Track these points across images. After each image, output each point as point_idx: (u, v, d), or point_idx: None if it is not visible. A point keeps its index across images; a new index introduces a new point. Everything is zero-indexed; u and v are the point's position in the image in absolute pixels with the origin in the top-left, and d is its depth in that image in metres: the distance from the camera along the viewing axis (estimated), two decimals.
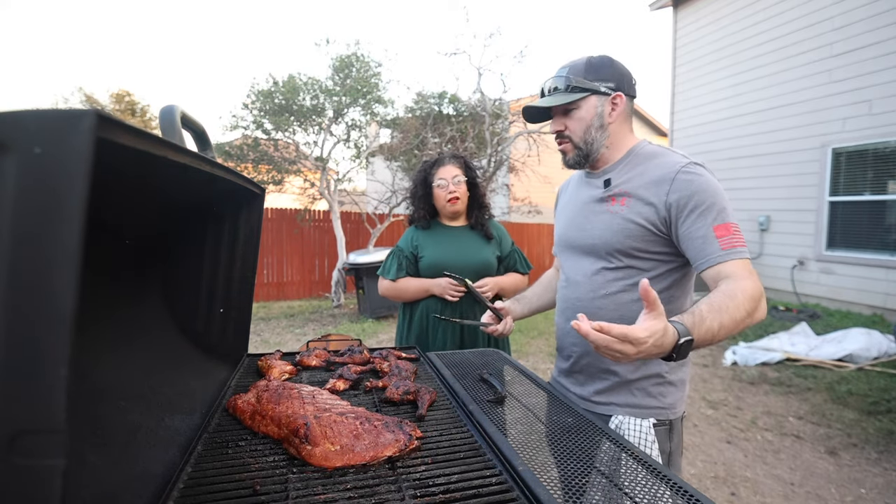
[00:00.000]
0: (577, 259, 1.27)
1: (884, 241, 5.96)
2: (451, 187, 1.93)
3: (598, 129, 1.19)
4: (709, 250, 1.05)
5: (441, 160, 2.00)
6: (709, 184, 1.08)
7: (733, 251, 1.03)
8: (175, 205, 0.96)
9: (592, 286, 1.22)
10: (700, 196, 1.06)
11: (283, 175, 7.51)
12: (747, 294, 0.97)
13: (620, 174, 1.20)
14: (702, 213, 1.06)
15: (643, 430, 1.14)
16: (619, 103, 1.18)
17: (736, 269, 1.02)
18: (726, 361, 4.55)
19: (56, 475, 0.37)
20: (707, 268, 1.05)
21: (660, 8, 8.87)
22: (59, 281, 0.36)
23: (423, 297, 1.93)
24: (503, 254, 2.02)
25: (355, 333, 5.67)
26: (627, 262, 1.16)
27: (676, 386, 1.19)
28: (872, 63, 5.89)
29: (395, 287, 1.96)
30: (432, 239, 1.98)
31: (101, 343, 0.78)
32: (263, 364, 1.25)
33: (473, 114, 8.00)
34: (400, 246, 2.02)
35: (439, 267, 1.91)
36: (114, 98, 14.32)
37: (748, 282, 0.99)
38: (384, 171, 8.90)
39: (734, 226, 1.06)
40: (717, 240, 1.04)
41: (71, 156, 0.37)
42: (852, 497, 2.43)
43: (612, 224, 1.17)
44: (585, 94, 1.17)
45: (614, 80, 1.17)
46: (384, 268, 1.99)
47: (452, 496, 0.70)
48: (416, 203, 2.04)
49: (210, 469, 0.76)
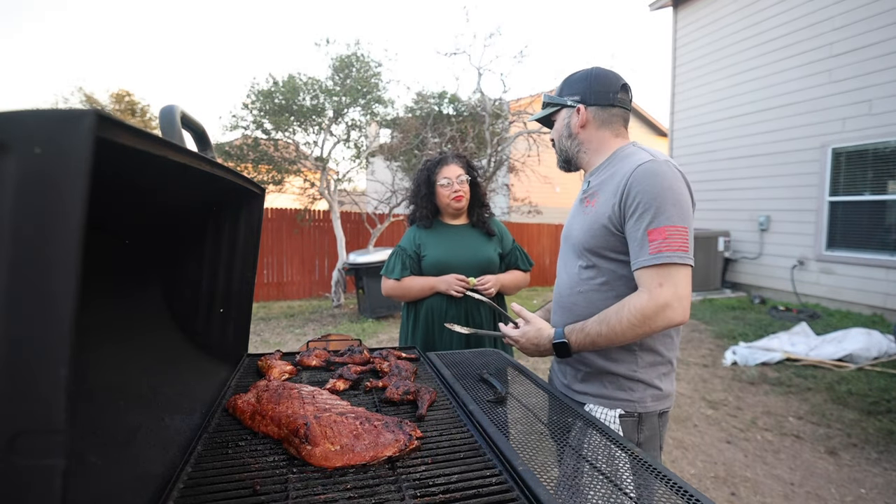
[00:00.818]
0: (564, 256, 1.37)
1: (884, 241, 5.96)
2: (456, 186, 1.94)
3: (567, 137, 1.31)
4: (639, 254, 1.10)
5: (444, 159, 2.00)
6: (657, 184, 1.08)
7: (659, 256, 1.06)
8: (175, 205, 0.96)
9: (570, 283, 1.30)
10: (643, 196, 1.09)
11: (283, 175, 7.51)
12: (635, 308, 1.07)
13: (598, 176, 1.27)
14: (641, 215, 1.09)
15: (608, 419, 1.21)
16: (579, 112, 1.27)
17: (650, 277, 1.08)
18: (726, 361, 4.55)
19: (56, 475, 0.37)
20: (634, 270, 1.12)
21: (660, 8, 8.87)
22: (59, 281, 0.36)
23: (429, 295, 1.93)
24: (504, 251, 2.03)
25: (355, 333, 5.67)
26: (596, 262, 1.22)
27: (645, 384, 1.23)
28: (872, 63, 5.89)
29: (400, 286, 1.95)
30: (435, 238, 1.99)
31: (101, 343, 0.78)
32: (263, 364, 1.25)
33: (473, 114, 8.00)
34: (402, 245, 2.01)
35: (443, 265, 1.91)
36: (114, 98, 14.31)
37: (644, 296, 1.07)
38: (384, 171, 8.90)
39: (671, 229, 1.06)
40: (649, 244, 1.08)
41: (71, 156, 0.37)
42: (852, 497, 2.43)
43: (584, 223, 1.25)
44: (556, 108, 1.32)
45: (580, 93, 1.27)
46: (387, 268, 1.98)
47: (452, 496, 0.70)
48: (418, 202, 2.04)
49: (210, 469, 0.76)
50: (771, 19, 7.05)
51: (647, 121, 15.15)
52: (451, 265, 1.91)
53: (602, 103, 1.26)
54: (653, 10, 9.04)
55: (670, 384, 1.26)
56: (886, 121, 5.80)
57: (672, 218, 1.07)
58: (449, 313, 1.91)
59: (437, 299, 1.93)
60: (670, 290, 1.06)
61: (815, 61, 6.51)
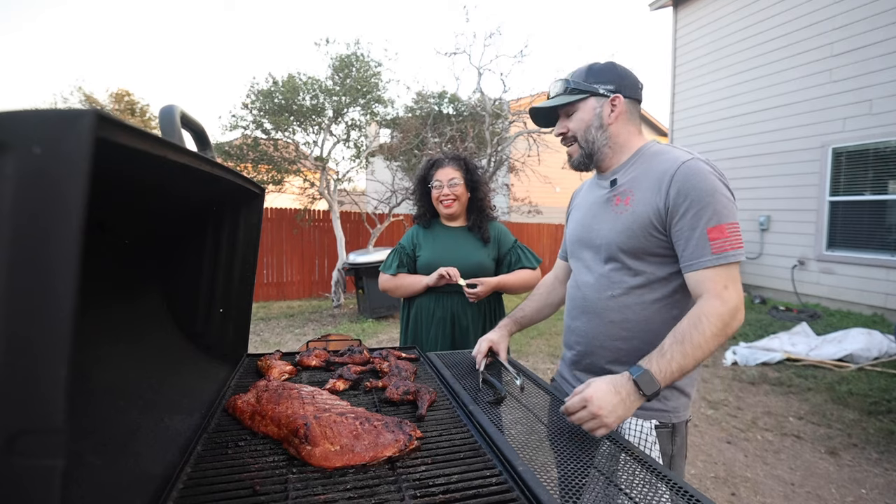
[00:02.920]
0: (586, 260, 1.27)
1: (884, 241, 5.96)
2: (446, 190, 1.93)
3: (597, 129, 1.21)
4: (698, 253, 1.04)
5: (440, 161, 1.99)
6: (707, 182, 1.05)
7: (723, 256, 1.02)
8: (175, 205, 0.96)
9: (598, 287, 1.21)
10: (696, 194, 1.04)
11: (283, 175, 7.50)
12: (714, 316, 0.99)
13: (626, 174, 1.20)
14: (697, 213, 1.04)
15: (644, 432, 1.14)
16: (617, 104, 1.19)
17: (715, 279, 1.02)
18: (726, 361, 4.55)
19: (55, 475, 0.37)
20: (691, 271, 1.06)
21: (660, 8, 8.86)
22: (59, 281, 0.36)
23: (420, 292, 1.95)
24: (502, 253, 2.02)
25: (355, 333, 5.67)
26: (631, 264, 1.15)
27: (682, 391, 1.18)
28: (873, 62, 5.89)
29: (394, 281, 1.98)
30: (430, 238, 2.00)
31: (101, 343, 0.78)
32: (263, 364, 1.25)
33: (473, 114, 7.99)
34: (402, 243, 2.04)
35: (433, 266, 1.91)
36: (113, 98, 14.30)
37: (716, 302, 1.00)
38: (384, 171, 8.89)
39: (729, 226, 1.03)
40: (710, 243, 1.03)
41: (71, 156, 0.37)
42: (853, 497, 2.43)
43: (616, 224, 1.17)
44: (584, 96, 1.20)
45: (613, 83, 1.19)
46: (385, 263, 2.03)
47: (452, 496, 0.70)
48: (417, 202, 2.07)
49: (210, 469, 0.76)
50: (771, 19, 7.04)
51: (648, 121, 15.14)
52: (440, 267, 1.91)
53: (633, 97, 1.21)
54: (653, 10, 9.03)
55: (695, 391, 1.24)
56: (887, 120, 5.80)
57: (729, 216, 1.04)
58: (436, 314, 1.92)
59: (426, 299, 1.94)
60: (736, 292, 1.02)
61: (815, 61, 6.51)
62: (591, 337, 1.23)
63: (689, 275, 1.06)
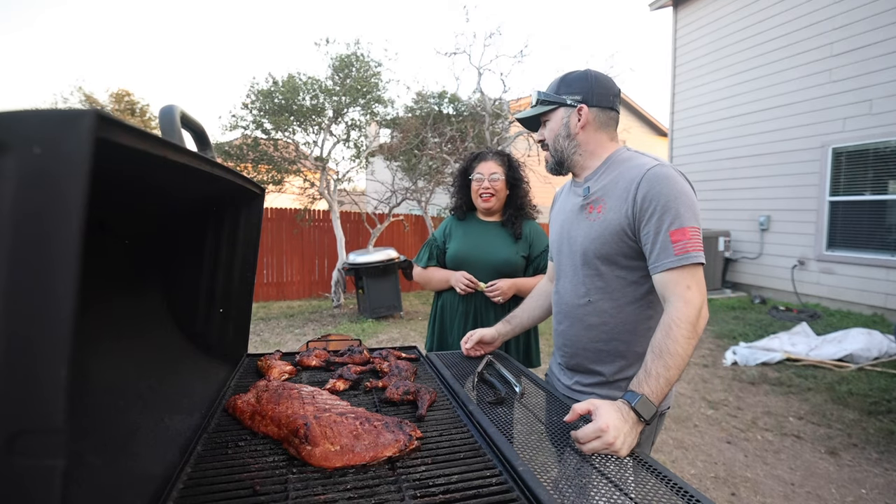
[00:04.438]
0: (564, 266, 1.33)
1: (884, 241, 5.96)
2: (486, 183, 1.93)
3: (564, 137, 1.27)
4: (662, 255, 1.09)
5: (483, 155, 1.99)
6: (671, 187, 1.09)
7: (686, 257, 1.06)
8: (175, 205, 0.96)
9: (577, 293, 1.27)
10: (660, 199, 1.09)
11: (283, 175, 7.50)
12: (683, 323, 1.02)
13: (598, 182, 1.25)
14: (661, 217, 1.09)
15: None
16: (582, 114, 1.23)
17: (677, 282, 1.06)
18: (726, 361, 4.55)
19: (55, 475, 0.37)
20: (657, 273, 1.10)
21: (660, 8, 8.87)
22: (59, 281, 0.36)
23: (445, 287, 1.98)
24: (532, 254, 1.97)
25: (355, 333, 5.67)
26: (605, 270, 1.21)
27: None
28: (873, 62, 5.89)
29: (425, 274, 2.03)
30: (462, 231, 2.02)
31: (101, 343, 0.78)
32: (263, 364, 1.25)
33: (473, 114, 7.99)
34: (434, 235, 2.08)
35: (459, 259, 1.93)
36: (113, 98, 14.29)
37: (680, 305, 1.04)
38: (384, 171, 8.89)
39: (692, 230, 1.08)
40: (673, 245, 1.07)
41: (71, 156, 0.37)
42: (853, 497, 2.43)
43: (590, 231, 1.22)
44: (553, 107, 1.26)
45: (582, 93, 1.24)
46: (419, 255, 2.08)
47: (452, 496, 0.70)
48: (455, 193, 2.08)
49: (210, 469, 0.76)
50: (771, 19, 7.04)
51: (648, 121, 15.14)
52: (466, 261, 1.93)
53: (603, 105, 1.24)
54: (653, 10, 9.03)
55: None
56: (887, 120, 5.80)
57: (690, 219, 1.09)
58: (458, 309, 1.94)
59: (452, 293, 1.97)
60: (699, 292, 1.06)
61: (815, 61, 6.51)
62: (574, 340, 1.29)
63: (655, 276, 1.11)
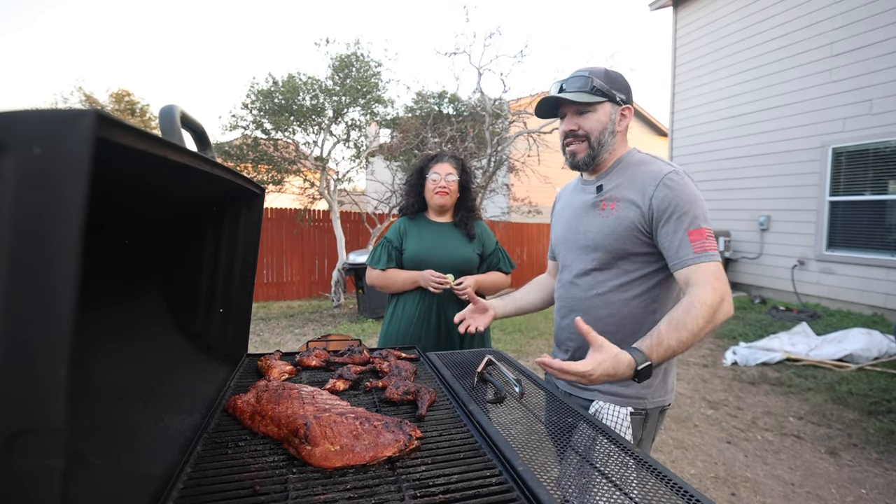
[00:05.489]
0: (573, 260, 1.35)
1: (884, 241, 5.96)
2: (442, 182, 1.96)
3: (609, 133, 1.27)
4: (682, 253, 1.14)
5: (440, 156, 2.04)
6: (688, 192, 1.16)
7: (704, 255, 1.12)
8: (175, 205, 0.96)
9: (585, 286, 1.30)
10: (679, 202, 1.15)
11: (283, 175, 7.50)
12: (704, 303, 1.05)
13: (611, 180, 1.28)
14: (679, 218, 1.15)
15: (620, 417, 1.23)
16: (627, 115, 1.27)
17: (702, 273, 1.11)
18: (726, 361, 4.55)
19: (55, 475, 0.37)
20: (679, 269, 1.15)
21: (660, 8, 8.86)
22: (60, 281, 0.36)
23: (411, 288, 1.95)
24: (486, 252, 2.05)
25: (355, 333, 5.67)
26: (617, 263, 1.25)
27: (660, 377, 1.26)
28: (873, 62, 5.89)
29: (384, 277, 1.98)
30: (417, 231, 2.01)
31: (101, 343, 0.78)
32: (263, 364, 1.25)
33: (473, 114, 7.99)
34: (388, 237, 2.03)
35: (420, 260, 1.93)
36: (113, 98, 14.29)
37: (707, 289, 1.07)
38: (384, 171, 8.89)
39: (707, 231, 1.15)
40: (691, 244, 1.13)
41: (71, 156, 0.37)
42: (853, 497, 2.43)
43: (603, 227, 1.25)
44: (604, 99, 1.25)
45: (626, 93, 1.27)
46: (373, 257, 2.01)
47: (452, 496, 0.70)
48: (408, 192, 2.09)
49: (210, 469, 0.76)
50: (771, 19, 7.04)
51: (648, 121, 15.13)
52: (427, 261, 1.93)
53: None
54: (653, 10, 9.03)
55: (674, 379, 1.31)
56: (887, 120, 5.80)
57: (706, 222, 1.16)
58: (420, 308, 1.93)
59: (412, 294, 1.95)
60: (723, 284, 1.10)
61: (815, 61, 6.51)
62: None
63: (678, 272, 1.15)
